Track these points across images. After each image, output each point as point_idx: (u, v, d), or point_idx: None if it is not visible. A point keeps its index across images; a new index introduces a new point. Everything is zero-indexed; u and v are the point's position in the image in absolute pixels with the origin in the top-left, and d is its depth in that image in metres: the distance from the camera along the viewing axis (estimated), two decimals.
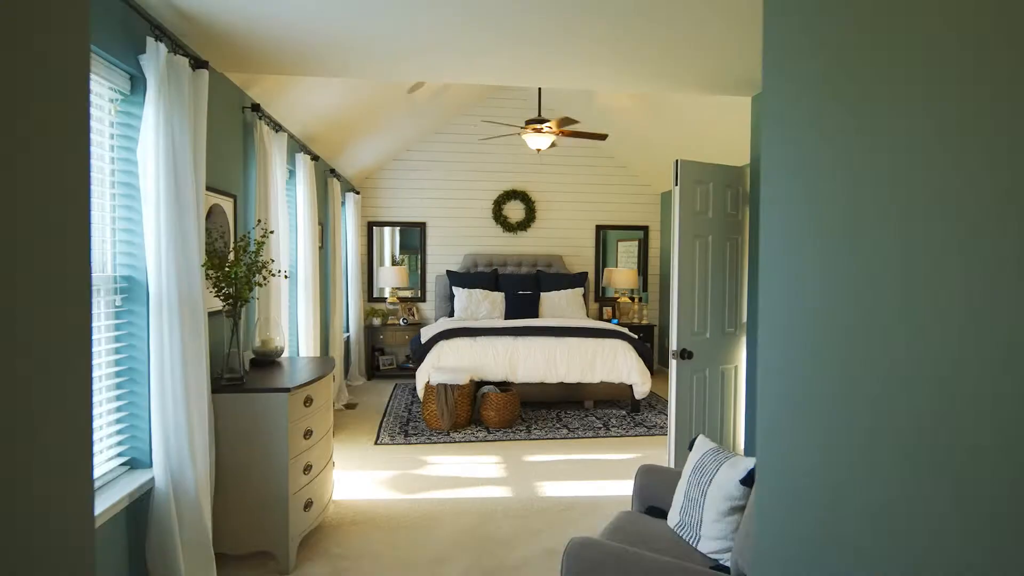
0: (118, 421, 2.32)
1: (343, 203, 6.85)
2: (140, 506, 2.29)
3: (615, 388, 5.65)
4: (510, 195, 7.63)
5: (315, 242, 4.71)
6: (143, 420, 2.36)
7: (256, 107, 3.46)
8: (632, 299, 7.78)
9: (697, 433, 3.47)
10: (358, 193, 7.10)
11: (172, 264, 2.29)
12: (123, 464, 2.34)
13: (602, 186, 7.84)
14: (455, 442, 4.75)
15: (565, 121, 5.02)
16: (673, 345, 3.37)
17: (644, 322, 7.70)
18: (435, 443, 4.71)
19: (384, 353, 7.44)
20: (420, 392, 5.28)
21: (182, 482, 2.33)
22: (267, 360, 3.32)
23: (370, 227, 7.50)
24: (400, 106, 5.71)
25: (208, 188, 2.93)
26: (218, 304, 2.90)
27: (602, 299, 7.94)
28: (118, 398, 2.32)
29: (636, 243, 7.99)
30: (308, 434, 2.87)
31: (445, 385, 5.02)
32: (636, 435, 4.98)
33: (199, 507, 2.36)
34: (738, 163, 3.93)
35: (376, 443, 4.69)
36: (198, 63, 2.55)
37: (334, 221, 5.75)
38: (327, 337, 5.72)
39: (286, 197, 4.39)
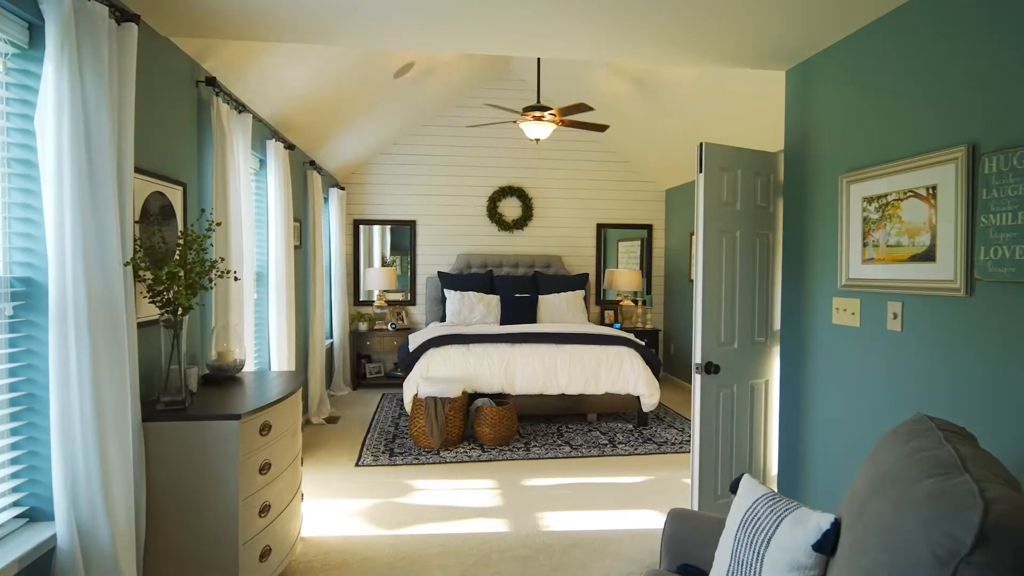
0: (13, 462, 1.84)
1: (326, 199, 6.38)
2: (38, 570, 1.80)
3: (621, 400, 5.19)
4: (506, 191, 7.17)
5: (290, 240, 4.23)
6: (46, 459, 1.87)
7: (212, 81, 2.98)
8: (635, 302, 7.33)
9: (725, 462, 3.01)
10: (342, 189, 6.62)
11: (80, 262, 1.80)
12: (20, 516, 1.85)
13: (604, 182, 7.38)
14: (446, 462, 4.27)
15: (571, 109, 4.55)
16: (696, 358, 2.90)
17: (648, 326, 7.25)
18: (423, 464, 4.23)
19: (371, 360, 6.96)
20: (408, 405, 4.79)
21: (94, 537, 1.84)
22: (223, 376, 2.84)
23: (356, 225, 7.01)
24: (386, 92, 5.24)
25: (145, 173, 2.45)
26: (156, 312, 2.41)
27: (603, 302, 7.47)
28: (13, 432, 1.84)
29: (638, 243, 7.54)
30: (265, 468, 2.38)
31: (435, 398, 4.54)
32: (646, 453, 4.51)
33: (117, 568, 1.88)
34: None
35: (357, 464, 4.20)
36: (124, 15, 2.07)
37: (314, 218, 5.26)
38: (306, 344, 5.23)
39: (254, 189, 3.92)
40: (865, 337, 2.44)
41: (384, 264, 7.13)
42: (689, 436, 4.94)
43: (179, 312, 2.27)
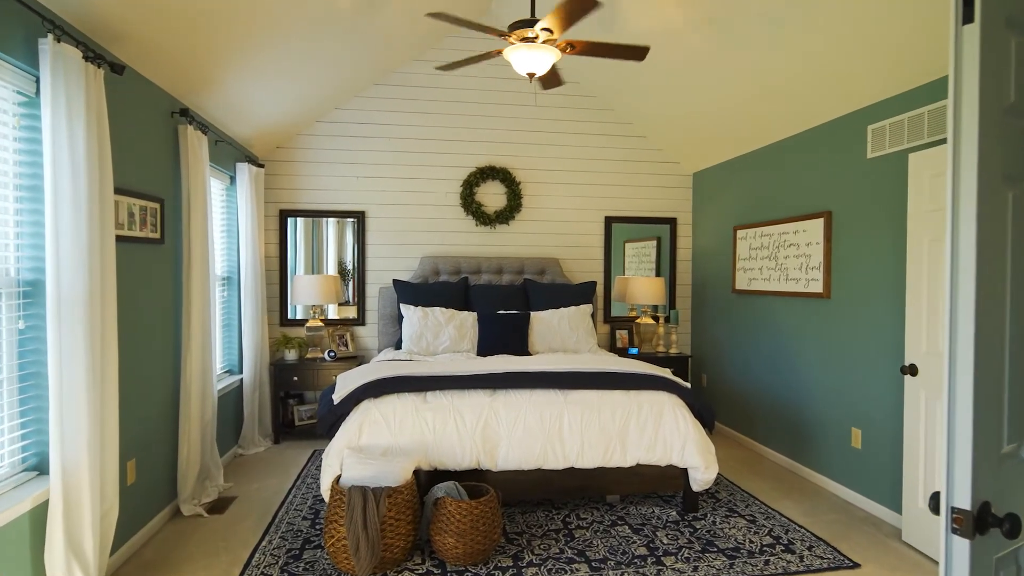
0: None
1: (232, 178, 4.55)
2: None
3: (657, 472, 3.42)
4: (486, 173, 5.39)
5: (104, 227, 2.43)
6: None
7: None
8: (656, 319, 5.58)
9: None
10: (261, 166, 4.80)
11: None
12: None
13: (614, 162, 5.65)
14: None
15: (568, 8, 2.79)
16: (959, 498, 1.14)
17: (673, 351, 5.50)
18: None
19: (303, 402, 5.12)
20: (325, 494, 2.99)
21: None
22: None
23: (283, 217, 5.18)
24: (304, 7, 3.44)
25: None
26: None
27: (612, 319, 5.72)
28: None
29: (653, 243, 5.80)
30: None
31: (364, 490, 2.73)
32: (715, 574, 2.75)
33: None
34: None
35: None
36: None
37: (190, 199, 3.44)
38: (176, 397, 3.40)
39: (17, 126, 2.13)
40: None
41: (341, 272, 5.29)
42: (771, 534, 3.18)
43: None
